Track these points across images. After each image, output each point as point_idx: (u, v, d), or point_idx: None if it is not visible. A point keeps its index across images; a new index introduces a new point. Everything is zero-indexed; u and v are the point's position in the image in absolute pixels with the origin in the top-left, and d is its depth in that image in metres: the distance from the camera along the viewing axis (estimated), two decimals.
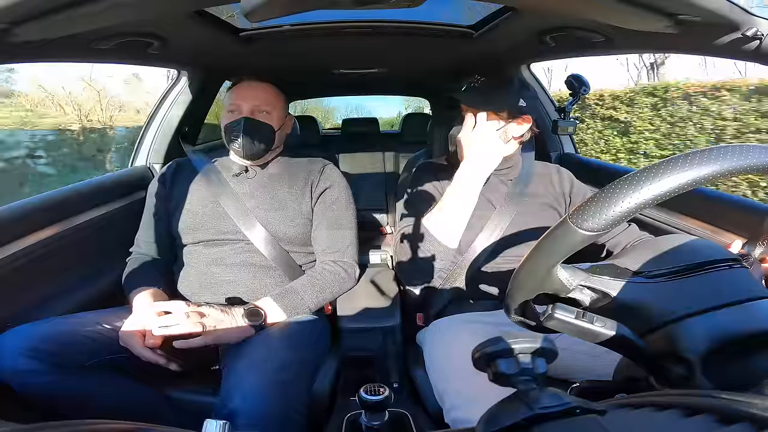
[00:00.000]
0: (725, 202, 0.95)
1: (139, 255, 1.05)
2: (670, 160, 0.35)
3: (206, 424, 0.35)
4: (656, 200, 0.34)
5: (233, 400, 0.69)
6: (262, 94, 1.04)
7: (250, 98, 1.02)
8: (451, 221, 0.90)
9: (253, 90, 1.03)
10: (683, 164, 0.34)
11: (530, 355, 0.31)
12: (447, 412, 0.73)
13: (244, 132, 0.98)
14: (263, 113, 1.02)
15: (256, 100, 1.02)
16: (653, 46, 0.89)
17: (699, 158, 0.34)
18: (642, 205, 0.34)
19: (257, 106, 1.02)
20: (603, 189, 0.36)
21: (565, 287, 0.42)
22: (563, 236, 0.38)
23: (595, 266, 0.45)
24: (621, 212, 0.35)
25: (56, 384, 0.75)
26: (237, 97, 1.02)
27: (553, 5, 0.78)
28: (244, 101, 1.01)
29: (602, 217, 0.35)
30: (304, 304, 0.93)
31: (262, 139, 1.01)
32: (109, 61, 1.07)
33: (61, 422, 0.32)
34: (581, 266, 0.44)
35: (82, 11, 0.60)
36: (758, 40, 0.65)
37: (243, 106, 1.01)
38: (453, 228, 0.90)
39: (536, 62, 1.50)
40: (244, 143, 0.98)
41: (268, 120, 1.02)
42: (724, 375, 0.37)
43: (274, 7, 0.44)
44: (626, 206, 0.35)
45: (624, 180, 0.35)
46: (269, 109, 1.03)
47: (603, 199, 0.35)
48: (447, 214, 0.89)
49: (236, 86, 1.05)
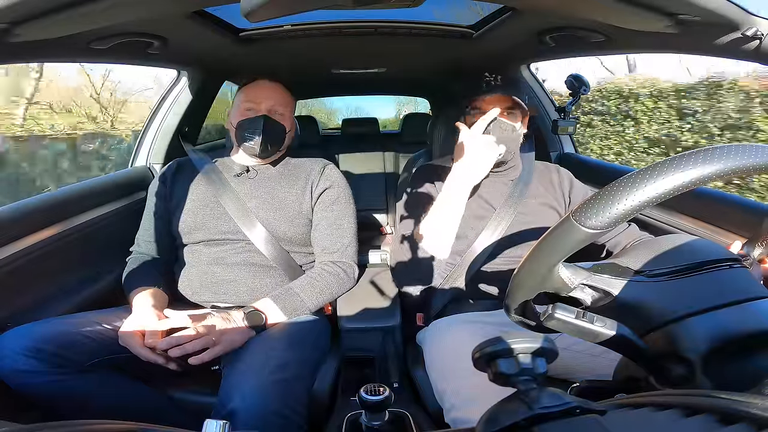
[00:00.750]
0: (725, 202, 0.94)
1: (139, 254, 1.05)
2: (674, 159, 0.35)
3: (206, 424, 0.34)
4: (660, 198, 0.34)
5: (232, 400, 0.69)
6: (278, 95, 1.05)
7: (268, 98, 1.02)
8: (440, 231, 0.90)
9: (271, 90, 1.04)
10: (687, 162, 0.34)
11: (530, 355, 0.31)
12: (447, 412, 0.73)
13: (264, 131, 0.98)
14: (279, 114, 1.03)
15: (272, 100, 1.03)
16: (653, 46, 0.89)
17: (703, 157, 0.34)
18: (646, 203, 0.34)
19: (274, 107, 1.02)
20: (607, 186, 0.36)
21: (566, 286, 0.42)
22: (566, 234, 0.38)
23: (597, 265, 0.45)
24: (625, 210, 0.35)
25: (56, 384, 0.75)
26: (255, 96, 1.02)
27: (553, 5, 0.78)
28: (263, 100, 1.02)
29: (606, 215, 0.35)
30: (303, 304, 0.93)
31: (276, 139, 1.02)
32: (109, 61, 1.07)
33: (61, 422, 0.32)
34: (583, 265, 0.44)
35: (82, 11, 0.60)
36: (758, 40, 0.65)
37: (262, 105, 1.01)
38: (442, 238, 0.90)
39: (536, 62, 1.50)
40: (262, 142, 0.99)
41: (283, 121, 1.04)
42: (724, 375, 0.37)
43: (274, 7, 0.44)
44: (630, 204, 0.34)
45: (628, 178, 0.35)
46: (283, 110, 1.04)
47: (607, 197, 0.35)
48: (436, 224, 0.90)
49: (251, 84, 1.05)
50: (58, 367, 0.75)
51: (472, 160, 0.90)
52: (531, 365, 0.31)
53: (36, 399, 0.76)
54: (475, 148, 0.90)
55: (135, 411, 0.81)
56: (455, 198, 0.90)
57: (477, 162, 0.90)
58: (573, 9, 0.75)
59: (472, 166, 0.90)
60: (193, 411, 0.87)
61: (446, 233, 0.90)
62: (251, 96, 1.02)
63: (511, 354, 0.31)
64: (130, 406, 0.82)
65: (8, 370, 0.73)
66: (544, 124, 1.55)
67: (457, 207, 0.90)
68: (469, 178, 0.90)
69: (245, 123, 1.00)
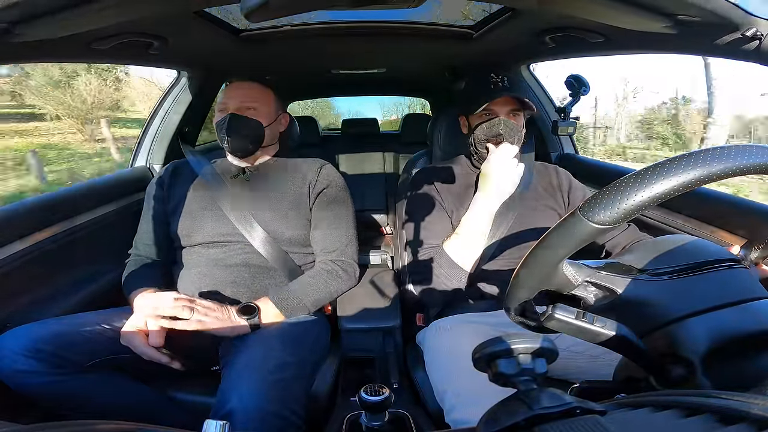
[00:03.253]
0: (725, 202, 0.95)
1: (137, 257, 1.05)
2: (684, 156, 0.34)
3: (206, 424, 0.34)
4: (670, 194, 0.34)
5: (231, 401, 0.69)
6: (248, 91, 1.06)
7: (236, 96, 1.04)
8: (468, 247, 0.92)
9: (238, 88, 1.06)
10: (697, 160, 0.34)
11: (530, 355, 0.31)
12: (447, 413, 0.73)
13: (227, 129, 0.99)
14: (250, 110, 1.03)
15: (241, 96, 1.04)
16: (653, 46, 0.89)
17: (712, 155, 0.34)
18: (655, 198, 0.34)
19: (243, 102, 1.03)
20: (616, 182, 0.36)
21: (570, 283, 0.42)
22: (573, 229, 0.37)
23: (601, 262, 0.45)
24: (634, 205, 0.34)
25: (56, 384, 0.75)
26: (226, 97, 1.05)
27: (553, 6, 0.78)
28: (231, 99, 1.03)
29: (615, 210, 0.35)
30: (302, 304, 0.93)
31: (249, 134, 1.02)
32: (110, 61, 1.07)
33: (61, 422, 0.32)
34: (587, 262, 0.44)
35: (82, 11, 0.60)
36: (758, 40, 0.65)
37: (229, 104, 1.03)
38: (471, 253, 0.93)
39: (536, 62, 1.50)
40: (231, 140, 1.00)
41: (255, 116, 1.04)
42: (724, 375, 0.37)
43: (274, 7, 0.44)
44: (639, 199, 0.34)
45: (639, 173, 0.35)
46: (255, 105, 1.04)
47: (616, 192, 0.35)
48: (464, 241, 0.92)
49: (227, 87, 1.08)
50: (57, 368, 0.75)
51: (500, 183, 0.92)
52: (531, 365, 0.31)
53: (36, 399, 0.76)
54: (503, 172, 0.92)
55: (135, 411, 0.81)
56: (483, 219, 0.93)
57: (504, 185, 0.92)
58: (573, 9, 0.75)
59: (500, 189, 0.92)
60: (193, 411, 0.87)
61: (476, 247, 0.93)
62: (223, 97, 1.05)
63: (511, 354, 0.31)
64: (130, 407, 0.82)
65: (8, 371, 0.73)
66: (544, 125, 1.55)
67: (485, 227, 0.93)
68: (497, 200, 0.93)
69: (217, 125, 1.02)
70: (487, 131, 0.97)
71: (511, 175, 0.92)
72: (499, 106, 0.96)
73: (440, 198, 1.02)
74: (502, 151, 0.93)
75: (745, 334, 0.38)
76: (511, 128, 0.95)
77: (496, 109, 0.96)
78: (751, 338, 0.37)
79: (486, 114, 0.97)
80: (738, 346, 0.38)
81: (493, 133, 0.96)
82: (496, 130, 0.95)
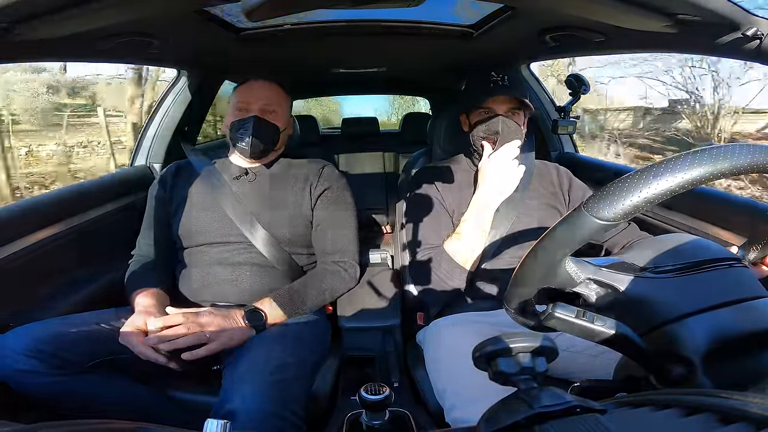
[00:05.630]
0: (725, 201, 0.94)
1: (140, 257, 1.04)
2: (690, 153, 0.34)
3: (207, 424, 0.34)
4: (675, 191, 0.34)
5: (232, 401, 0.69)
6: (271, 94, 1.04)
7: (260, 97, 1.02)
8: (469, 246, 0.93)
9: (262, 89, 1.03)
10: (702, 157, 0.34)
11: (530, 354, 0.31)
12: (447, 412, 0.73)
13: (254, 131, 0.98)
14: (272, 113, 1.02)
15: (265, 99, 1.02)
16: (653, 45, 0.89)
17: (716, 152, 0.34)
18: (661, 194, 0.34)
19: (266, 106, 1.01)
20: (621, 178, 0.36)
21: (572, 280, 0.42)
22: (577, 225, 0.37)
23: (604, 260, 0.45)
24: (640, 201, 0.34)
25: (56, 384, 0.75)
26: (247, 95, 1.02)
27: (553, 5, 0.78)
28: (255, 100, 1.01)
29: (620, 206, 0.35)
30: (304, 304, 0.93)
31: (268, 139, 1.01)
32: (109, 61, 1.07)
33: (61, 422, 0.32)
34: (590, 260, 0.44)
35: (82, 11, 0.60)
36: (758, 40, 0.65)
37: (253, 105, 1.00)
38: (471, 252, 0.93)
39: (536, 61, 1.50)
40: (253, 143, 0.98)
41: (275, 120, 1.02)
42: (724, 374, 0.37)
43: (274, 6, 0.44)
44: (644, 195, 0.34)
45: (644, 170, 0.35)
46: (277, 109, 1.03)
47: (622, 188, 0.35)
48: (464, 240, 0.93)
49: (244, 85, 1.05)
50: (58, 368, 0.75)
51: (500, 182, 0.92)
52: (531, 364, 0.31)
53: (36, 399, 0.76)
54: (502, 171, 0.92)
55: (135, 411, 0.81)
56: (483, 218, 0.93)
57: (504, 184, 0.92)
58: (573, 8, 0.75)
59: (499, 188, 0.92)
60: (193, 411, 0.87)
61: (476, 246, 0.93)
62: (243, 96, 1.02)
63: (511, 353, 0.31)
64: (131, 406, 0.82)
65: (9, 371, 0.73)
66: (544, 124, 1.55)
67: (485, 226, 0.93)
68: (496, 199, 0.93)
69: (236, 124, 1.00)
70: (485, 129, 0.97)
71: (510, 174, 0.92)
72: (498, 105, 0.97)
73: (440, 197, 1.02)
74: (502, 151, 0.93)
75: (746, 333, 0.38)
76: (510, 127, 0.95)
77: (495, 107, 0.97)
78: (751, 337, 0.37)
79: (485, 112, 0.98)
80: (738, 345, 0.37)
81: (491, 131, 0.96)
82: (494, 128, 0.95)
